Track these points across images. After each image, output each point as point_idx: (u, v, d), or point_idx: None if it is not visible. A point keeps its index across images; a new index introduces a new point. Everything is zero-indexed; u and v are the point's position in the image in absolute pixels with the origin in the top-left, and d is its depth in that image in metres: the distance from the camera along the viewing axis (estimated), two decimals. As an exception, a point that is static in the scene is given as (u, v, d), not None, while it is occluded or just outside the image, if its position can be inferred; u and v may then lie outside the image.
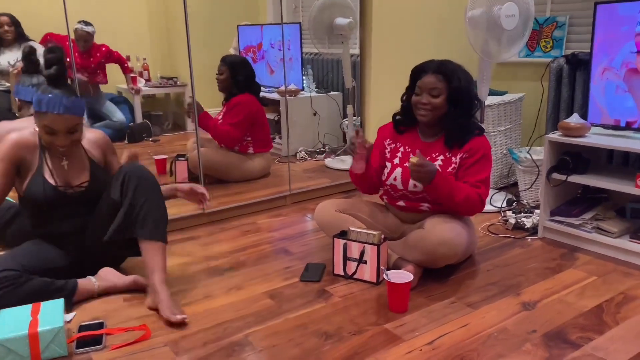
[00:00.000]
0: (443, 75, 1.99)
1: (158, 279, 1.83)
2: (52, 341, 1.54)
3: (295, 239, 2.54)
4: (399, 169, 2.12)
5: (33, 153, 1.89)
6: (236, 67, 3.43)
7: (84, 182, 1.94)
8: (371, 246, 1.98)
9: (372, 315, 1.80)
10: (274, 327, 1.74)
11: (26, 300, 1.70)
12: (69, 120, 1.80)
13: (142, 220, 1.86)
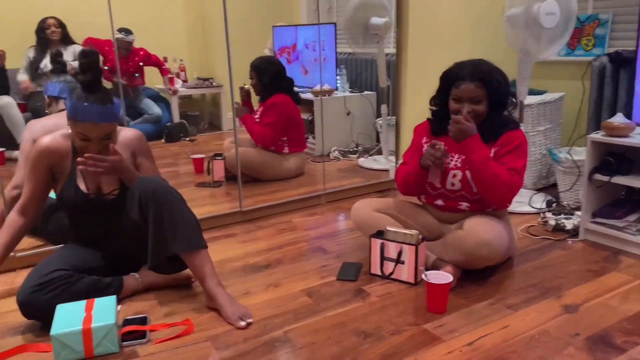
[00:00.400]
0: (481, 81, 1.97)
1: (211, 284, 1.82)
2: (104, 337, 1.58)
3: (331, 237, 2.56)
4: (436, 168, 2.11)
5: (65, 158, 1.88)
6: (262, 70, 3.48)
7: (115, 190, 1.92)
8: (409, 246, 1.98)
9: (411, 315, 1.80)
10: (313, 325, 1.75)
11: (77, 298, 1.75)
12: (103, 128, 1.77)
13: (173, 236, 1.80)
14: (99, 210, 1.91)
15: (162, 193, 1.81)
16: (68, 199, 1.88)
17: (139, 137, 2.00)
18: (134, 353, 1.62)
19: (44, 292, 1.71)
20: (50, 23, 4.08)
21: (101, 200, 1.90)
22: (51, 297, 1.71)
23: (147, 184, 1.83)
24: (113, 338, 1.59)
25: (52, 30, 4.08)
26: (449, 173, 2.07)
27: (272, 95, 3.44)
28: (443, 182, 2.08)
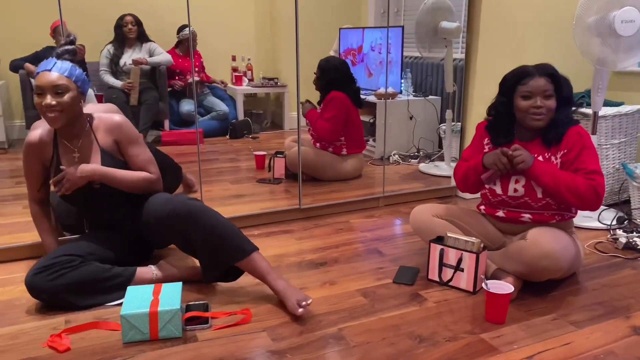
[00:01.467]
0: (551, 77, 1.94)
1: (271, 280, 1.84)
2: (169, 321, 1.65)
3: (388, 240, 2.55)
4: (497, 173, 2.06)
5: (48, 150, 1.92)
6: (325, 70, 3.52)
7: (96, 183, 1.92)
8: (469, 254, 1.94)
9: (468, 323, 1.76)
10: (368, 325, 1.75)
11: (81, 284, 1.80)
12: (54, 77, 1.77)
13: (224, 250, 1.82)
14: (88, 197, 1.94)
15: (198, 212, 1.83)
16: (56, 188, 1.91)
17: (118, 124, 1.95)
18: (193, 337, 1.68)
19: (45, 274, 1.77)
20: (128, 20, 4.29)
21: (87, 189, 1.91)
22: (51, 279, 1.76)
23: (176, 205, 1.84)
24: (177, 323, 1.66)
25: (129, 28, 4.29)
26: (510, 178, 2.01)
27: (330, 92, 3.46)
28: (505, 189, 2.02)
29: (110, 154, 1.94)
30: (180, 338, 1.67)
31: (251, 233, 2.63)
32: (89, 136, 1.92)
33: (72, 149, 1.92)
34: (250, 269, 1.86)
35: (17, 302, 1.90)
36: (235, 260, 1.84)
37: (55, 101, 1.77)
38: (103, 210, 1.99)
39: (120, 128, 1.94)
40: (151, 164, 2.00)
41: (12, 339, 1.67)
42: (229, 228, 1.86)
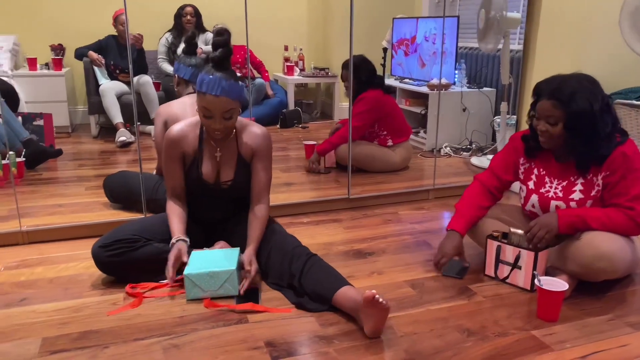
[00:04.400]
0: (558, 101, 1.77)
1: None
2: (226, 281, 1.80)
3: (437, 233, 2.52)
4: (535, 195, 1.99)
5: (192, 144, 1.98)
6: (357, 70, 3.39)
7: (229, 181, 2.00)
8: (528, 252, 1.89)
9: (519, 319, 1.73)
10: (415, 316, 1.75)
11: (138, 262, 1.89)
12: (224, 103, 1.81)
13: (320, 281, 1.79)
14: (211, 195, 2.04)
15: (310, 266, 1.84)
16: (189, 181, 2.02)
17: (263, 136, 2.00)
18: (244, 319, 1.73)
19: (106, 249, 1.88)
20: (188, 11, 4.41)
21: (216, 187, 2.02)
22: (112, 256, 1.87)
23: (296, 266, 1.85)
24: (234, 283, 1.82)
25: (187, 19, 4.40)
26: (550, 204, 1.94)
27: (361, 93, 3.38)
28: (545, 211, 1.96)
29: (245, 162, 2.01)
30: (237, 296, 1.80)
31: (300, 221, 2.67)
32: (232, 140, 1.99)
33: (215, 148, 1.99)
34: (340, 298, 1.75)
35: (80, 277, 2.01)
36: (327, 295, 1.76)
37: (224, 125, 1.86)
38: (215, 206, 2.06)
39: (263, 140, 2.00)
40: (267, 189, 2.03)
41: (76, 311, 1.77)
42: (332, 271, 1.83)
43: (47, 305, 1.81)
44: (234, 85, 1.83)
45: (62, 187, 3.13)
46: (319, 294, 1.76)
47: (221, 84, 1.80)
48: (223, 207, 2.06)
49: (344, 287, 1.73)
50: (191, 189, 2.03)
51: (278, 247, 1.92)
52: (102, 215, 2.57)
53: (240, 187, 2.03)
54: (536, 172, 2.01)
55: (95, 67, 4.31)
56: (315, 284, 1.78)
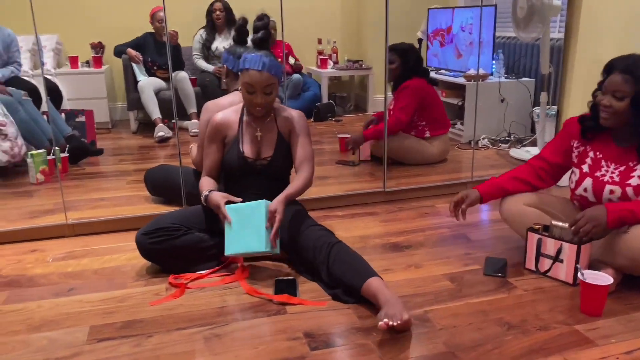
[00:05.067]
0: (631, 76, 1.73)
1: (382, 299, 1.66)
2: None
3: (476, 226, 2.49)
4: (588, 179, 1.92)
5: (234, 127, 2.09)
6: (407, 55, 3.39)
7: (268, 157, 2.09)
8: (570, 245, 1.85)
9: (561, 313, 1.70)
10: (454, 309, 1.74)
11: (179, 251, 1.96)
12: (266, 78, 1.94)
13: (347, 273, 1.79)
14: (253, 174, 2.09)
15: (335, 247, 1.86)
16: (231, 160, 2.08)
17: (299, 116, 2.13)
18: (283, 310, 1.75)
19: (149, 237, 1.94)
20: (217, 7, 4.44)
21: (256, 164, 2.08)
22: (154, 243, 1.94)
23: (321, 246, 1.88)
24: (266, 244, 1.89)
25: (217, 15, 4.44)
26: (604, 188, 1.87)
27: (405, 81, 3.37)
28: (598, 197, 1.90)
29: (284, 140, 2.10)
30: (272, 302, 1.79)
31: (335, 214, 2.67)
32: (272, 121, 2.10)
33: (255, 129, 2.08)
34: (371, 294, 1.72)
35: (124, 268, 2.07)
36: (354, 287, 1.76)
37: (264, 100, 1.97)
38: (254, 186, 2.09)
39: (299, 120, 2.11)
40: (310, 158, 2.10)
41: (120, 301, 1.82)
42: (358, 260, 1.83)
43: (93, 295, 1.87)
44: (274, 61, 1.97)
45: (104, 181, 3.22)
46: (348, 287, 1.77)
47: (262, 60, 1.94)
48: (263, 187, 2.08)
49: (368, 281, 1.71)
50: (232, 168, 2.09)
51: (302, 235, 1.95)
52: (143, 208, 2.63)
53: (279, 164, 2.10)
54: (592, 155, 1.94)
55: (134, 64, 4.40)
56: (342, 277, 1.79)
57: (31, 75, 3.94)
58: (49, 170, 3.14)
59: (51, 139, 3.27)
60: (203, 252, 2.02)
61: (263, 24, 2.05)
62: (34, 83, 3.65)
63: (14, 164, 3.19)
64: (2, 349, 1.55)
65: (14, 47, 3.64)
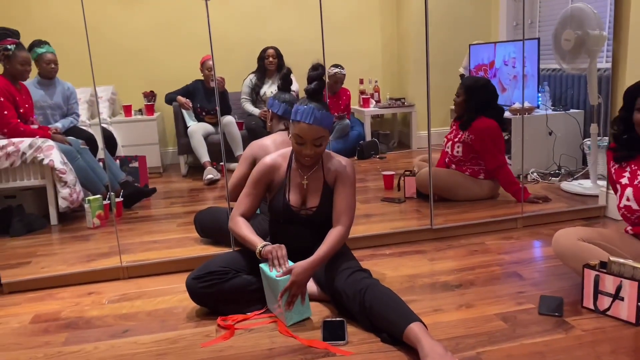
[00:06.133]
0: None
1: (422, 353, 1.60)
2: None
3: (528, 263, 2.41)
4: (629, 188, 1.97)
5: (281, 173, 2.09)
6: (472, 91, 3.34)
7: (314, 207, 2.08)
8: (630, 282, 1.77)
9: (623, 355, 1.61)
10: (508, 350, 1.68)
11: (228, 294, 1.98)
12: (316, 131, 1.94)
13: (385, 320, 1.76)
14: (297, 221, 2.09)
15: (369, 293, 1.82)
16: (276, 207, 2.10)
17: (346, 165, 2.10)
18: (331, 353, 1.73)
19: (200, 281, 1.97)
20: (270, 53, 4.61)
21: (301, 213, 2.09)
22: (204, 287, 1.96)
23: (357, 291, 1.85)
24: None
25: (269, 61, 4.61)
26: None
27: (476, 119, 3.30)
28: (639, 202, 1.92)
29: (330, 189, 2.09)
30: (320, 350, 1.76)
31: (382, 252, 2.65)
32: (319, 169, 2.10)
33: (302, 176, 2.10)
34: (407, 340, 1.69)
35: (175, 310, 2.12)
36: (402, 328, 1.70)
37: (314, 152, 2.00)
38: (297, 233, 2.11)
39: (345, 168, 2.09)
40: (349, 211, 2.07)
41: (172, 343, 1.86)
42: (393, 306, 1.79)
43: (147, 337, 1.91)
44: (325, 115, 1.98)
45: (156, 224, 3.33)
46: (390, 334, 1.74)
47: (314, 113, 1.94)
48: (307, 235, 2.09)
49: (408, 328, 1.66)
50: (277, 214, 2.10)
51: (335, 281, 1.94)
52: (193, 250, 2.70)
53: (324, 213, 2.08)
54: (629, 168, 2.03)
55: (184, 110, 4.59)
56: (382, 326, 1.76)
57: (88, 125, 4.17)
58: (104, 215, 3.28)
59: (107, 185, 3.42)
60: (251, 294, 2.04)
61: (317, 75, 2.04)
62: (91, 132, 3.87)
63: (73, 210, 3.35)
64: (61, 390, 1.61)
65: (73, 99, 3.88)
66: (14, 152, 3.23)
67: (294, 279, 1.87)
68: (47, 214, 3.34)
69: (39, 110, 3.66)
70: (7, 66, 3.32)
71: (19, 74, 3.37)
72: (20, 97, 3.38)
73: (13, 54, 3.30)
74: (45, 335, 1.97)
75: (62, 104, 3.79)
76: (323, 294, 2.08)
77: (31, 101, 3.53)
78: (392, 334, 1.73)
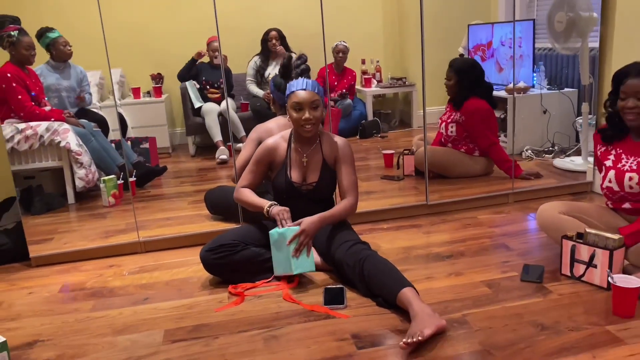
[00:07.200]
0: None
1: (412, 313, 1.78)
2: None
3: (516, 236, 2.59)
4: (612, 171, 2.10)
5: (282, 153, 2.29)
6: (463, 72, 3.48)
7: (314, 182, 2.27)
8: (603, 250, 1.94)
9: (594, 315, 1.80)
10: (491, 312, 1.87)
11: (239, 264, 2.17)
12: (310, 95, 2.16)
13: (380, 286, 1.93)
14: (300, 197, 2.29)
15: (367, 261, 2.00)
16: (279, 185, 2.30)
17: (344, 144, 2.30)
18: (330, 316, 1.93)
19: (212, 253, 2.17)
20: (272, 35, 4.73)
21: (302, 188, 2.28)
22: (217, 258, 2.16)
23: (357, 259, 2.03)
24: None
25: (272, 43, 4.73)
26: (624, 176, 2.04)
27: (467, 99, 3.45)
28: (620, 185, 2.05)
29: (329, 167, 2.29)
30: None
31: (380, 227, 2.84)
32: (317, 147, 2.30)
33: (302, 154, 2.29)
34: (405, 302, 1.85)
35: (190, 280, 2.32)
36: (395, 296, 1.87)
37: (312, 115, 2.17)
38: (299, 209, 2.26)
39: (344, 147, 2.29)
40: (353, 187, 2.28)
41: (189, 308, 2.06)
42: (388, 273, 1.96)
43: (166, 303, 2.12)
44: (315, 83, 2.22)
45: (168, 202, 3.52)
46: (385, 299, 1.93)
47: (305, 81, 2.21)
48: (309, 211, 2.25)
49: (400, 292, 1.84)
50: (280, 191, 2.30)
51: (336, 252, 2.12)
52: (204, 226, 2.89)
53: (324, 188, 2.30)
54: (614, 152, 2.16)
55: (190, 92, 4.73)
56: (378, 291, 1.95)
57: (99, 107, 4.33)
58: (119, 194, 3.47)
59: (119, 165, 3.61)
60: (260, 265, 2.24)
61: (302, 61, 2.47)
62: (102, 114, 4.03)
63: (89, 189, 3.55)
64: (93, 348, 1.82)
65: (85, 82, 4.04)
66: (32, 135, 3.41)
67: (304, 228, 2.10)
68: (64, 193, 3.54)
69: (54, 93, 3.82)
70: (13, 52, 3.42)
71: (25, 59, 3.48)
72: (30, 81, 3.52)
73: (17, 39, 3.41)
74: (73, 303, 2.18)
75: (76, 86, 3.96)
76: (325, 264, 2.27)
77: (41, 84, 3.67)
78: (386, 299, 1.92)
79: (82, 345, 1.84)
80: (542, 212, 2.26)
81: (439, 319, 1.75)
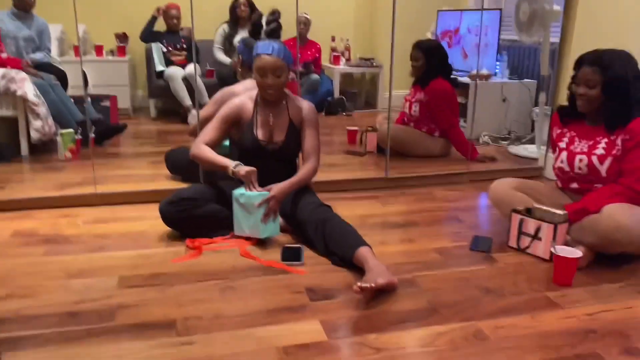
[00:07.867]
0: (599, 67, 2.04)
1: (367, 267, 1.86)
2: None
3: (468, 211, 2.70)
4: (564, 152, 2.22)
5: (248, 113, 2.31)
6: (432, 53, 3.56)
7: (280, 141, 2.30)
8: (548, 225, 2.06)
9: (535, 283, 1.91)
10: (439, 276, 1.96)
11: (199, 219, 2.19)
12: (275, 61, 2.15)
13: (339, 244, 2.00)
14: (264, 156, 2.31)
15: (329, 221, 2.08)
16: (245, 143, 2.31)
17: (310, 108, 2.35)
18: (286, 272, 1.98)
19: (173, 205, 2.18)
20: (242, 2, 4.68)
21: (268, 147, 2.30)
22: (178, 211, 2.17)
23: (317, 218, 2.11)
24: None
25: (242, 9, 4.68)
26: (575, 158, 2.15)
27: (433, 79, 3.53)
28: (571, 166, 2.17)
29: (295, 127, 2.32)
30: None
31: (340, 196, 2.89)
32: (284, 108, 2.32)
33: (268, 114, 2.30)
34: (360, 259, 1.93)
35: (147, 233, 2.31)
36: (353, 254, 1.94)
37: (275, 82, 2.18)
38: (264, 169, 2.26)
39: (309, 111, 2.34)
40: (316, 150, 2.33)
41: (145, 258, 2.06)
42: (347, 234, 2.04)
43: (121, 252, 2.11)
44: (283, 48, 2.20)
45: (128, 160, 3.48)
46: (342, 258, 1.99)
47: (272, 45, 2.18)
48: (273, 168, 2.29)
49: (358, 250, 1.92)
50: (246, 150, 2.31)
51: (301, 212, 2.18)
52: (164, 184, 2.88)
53: (289, 148, 2.33)
54: (568, 134, 2.26)
55: (155, 54, 4.63)
56: (336, 250, 2.00)
57: (59, 62, 4.19)
58: (76, 149, 3.39)
59: (79, 122, 3.52)
60: (220, 221, 2.25)
61: (274, 18, 2.36)
62: (61, 68, 3.91)
63: (44, 142, 3.45)
64: (45, 290, 1.80)
65: (46, 34, 3.90)
66: (-13, 82, 3.28)
67: (274, 194, 2.14)
68: (18, 144, 3.43)
69: (12, 40, 3.68)
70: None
71: None
72: (-14, 25, 3.39)
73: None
74: (26, 247, 2.14)
75: (36, 37, 3.82)
76: (287, 226, 2.31)
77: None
78: (344, 256, 1.98)
79: (34, 286, 1.82)
80: (495, 187, 2.37)
81: (391, 275, 1.82)
